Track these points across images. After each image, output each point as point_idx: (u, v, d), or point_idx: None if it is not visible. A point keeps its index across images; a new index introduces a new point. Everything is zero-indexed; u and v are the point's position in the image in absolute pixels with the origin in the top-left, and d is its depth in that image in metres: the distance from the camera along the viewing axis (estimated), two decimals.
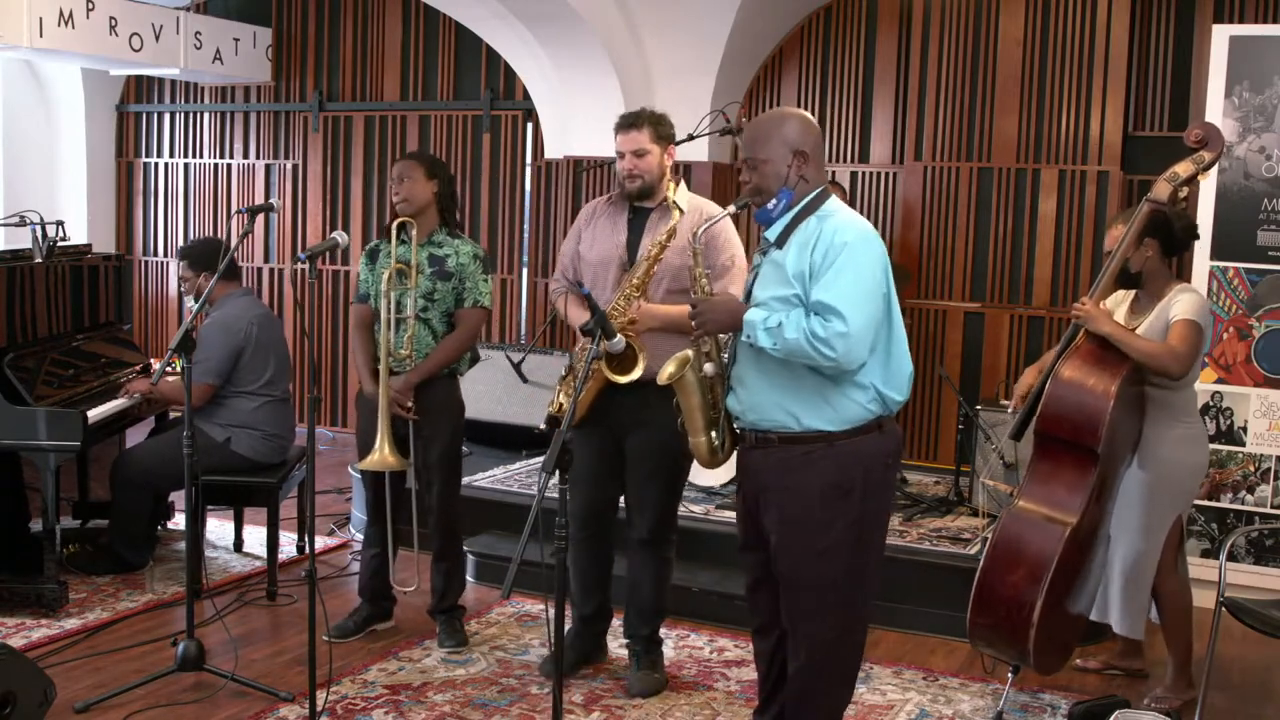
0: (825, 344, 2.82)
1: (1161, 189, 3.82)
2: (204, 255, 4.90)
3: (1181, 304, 3.81)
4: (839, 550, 2.97)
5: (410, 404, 4.21)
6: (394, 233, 4.21)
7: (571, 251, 4.08)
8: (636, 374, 3.65)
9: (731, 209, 3.16)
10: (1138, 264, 3.86)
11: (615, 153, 3.92)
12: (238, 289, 5.00)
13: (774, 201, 3.00)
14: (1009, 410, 4.17)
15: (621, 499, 4.09)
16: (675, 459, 3.92)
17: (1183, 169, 3.82)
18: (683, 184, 3.98)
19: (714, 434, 3.15)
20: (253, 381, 4.86)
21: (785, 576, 3.04)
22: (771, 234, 3.02)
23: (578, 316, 3.95)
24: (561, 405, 3.88)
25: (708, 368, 3.12)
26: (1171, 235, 3.89)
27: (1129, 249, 3.81)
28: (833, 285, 2.86)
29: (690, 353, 3.13)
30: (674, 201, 3.83)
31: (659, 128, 3.89)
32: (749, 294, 3.09)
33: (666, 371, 3.12)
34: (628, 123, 3.90)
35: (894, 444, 3.06)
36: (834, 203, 3.03)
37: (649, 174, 3.87)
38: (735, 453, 3.21)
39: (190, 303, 4.94)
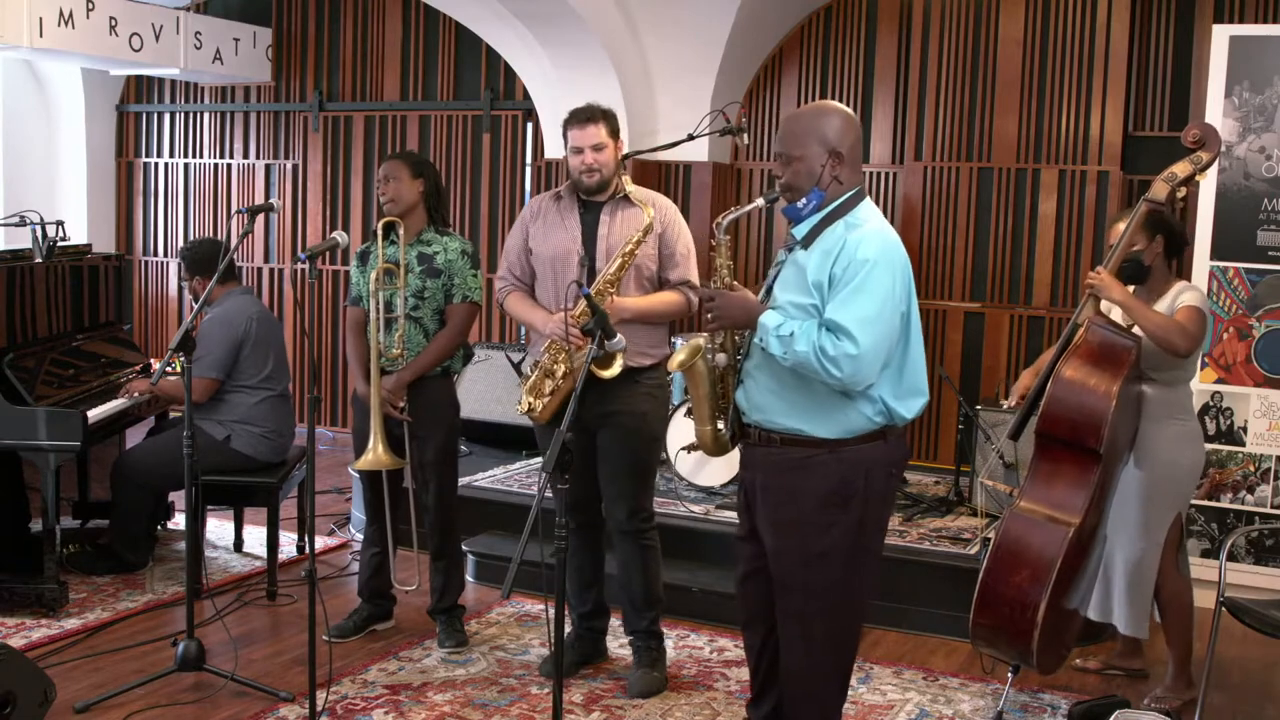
0: (833, 363, 2.80)
1: (1159, 189, 3.83)
2: (199, 260, 4.91)
3: (1187, 295, 3.89)
4: (835, 555, 2.96)
5: (403, 403, 4.21)
6: (381, 234, 4.22)
7: (519, 248, 4.07)
8: (618, 368, 3.67)
9: (760, 201, 3.14)
10: (1150, 258, 3.90)
11: (570, 148, 3.91)
12: (237, 288, 5.01)
13: (804, 200, 2.95)
14: (1007, 405, 4.17)
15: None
16: (643, 448, 3.96)
17: (1180, 169, 3.83)
18: (627, 177, 4.00)
19: (720, 424, 3.14)
20: (253, 376, 4.87)
21: (780, 579, 3.03)
22: (798, 232, 2.98)
23: (539, 317, 3.94)
24: (531, 406, 3.90)
25: (720, 358, 3.10)
26: (1174, 236, 3.94)
27: (1133, 238, 3.83)
28: (848, 304, 2.82)
29: (703, 341, 3.13)
30: (640, 199, 3.88)
31: (611, 122, 3.92)
32: (769, 291, 3.06)
33: (677, 359, 3.12)
34: (584, 117, 3.90)
35: (898, 453, 3.03)
36: (865, 209, 2.96)
37: (606, 168, 3.89)
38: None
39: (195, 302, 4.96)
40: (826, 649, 3.04)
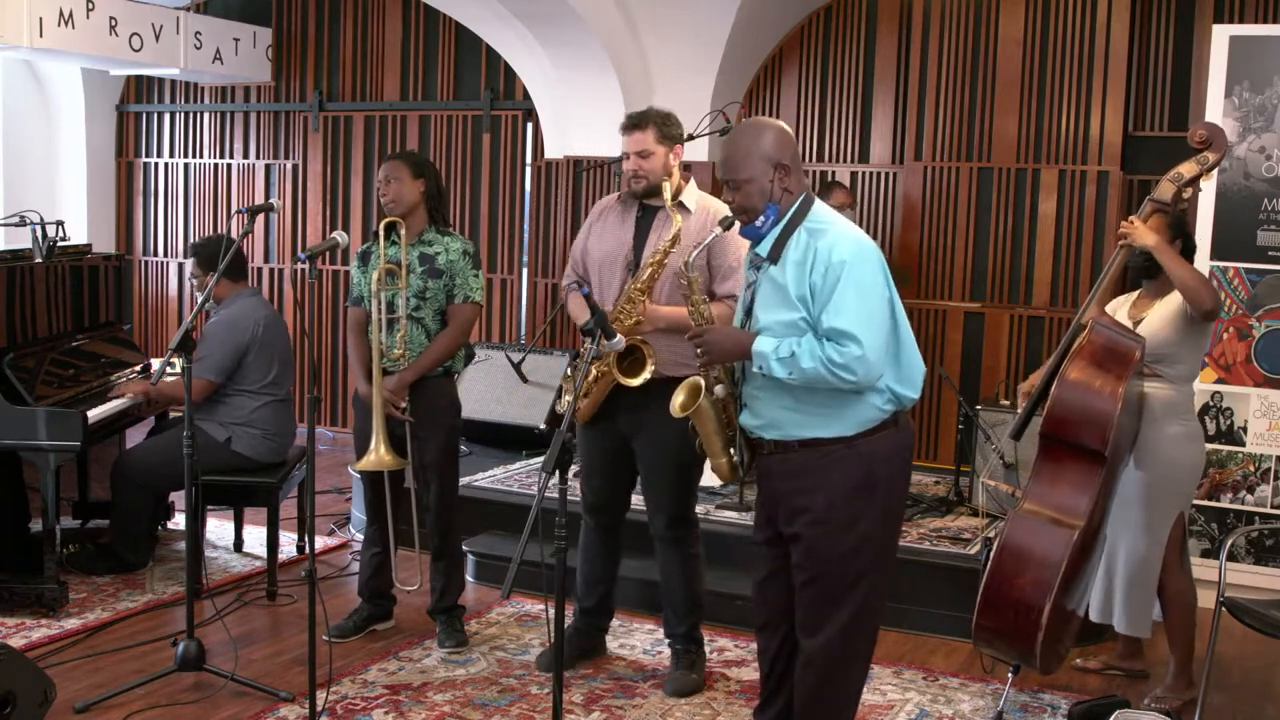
0: (845, 369, 2.85)
1: (1165, 189, 3.81)
2: (213, 256, 4.86)
3: None
4: (865, 545, 3.01)
5: (404, 404, 4.21)
6: (382, 234, 4.21)
7: (581, 247, 4.09)
8: (645, 377, 3.65)
9: (718, 230, 3.18)
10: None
11: (621, 153, 3.91)
12: (245, 289, 4.99)
13: (762, 219, 3.01)
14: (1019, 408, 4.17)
15: (634, 495, 4.15)
16: (681, 456, 3.92)
17: (1187, 169, 3.82)
18: (692, 183, 3.97)
19: (733, 451, 3.16)
20: (256, 381, 4.86)
21: (812, 575, 3.05)
22: (763, 249, 3.03)
23: (581, 314, 3.96)
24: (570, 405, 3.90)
25: (718, 390, 3.12)
26: (1189, 244, 3.97)
27: (1153, 229, 3.84)
28: (841, 309, 2.87)
29: (701, 380, 3.13)
30: (678, 203, 3.84)
31: (664, 128, 3.88)
32: (748, 310, 3.08)
33: (678, 401, 3.13)
34: (632, 124, 3.90)
35: (909, 438, 3.11)
36: (821, 211, 3.04)
37: (653, 174, 3.86)
38: None
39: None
40: (851, 638, 3.07)
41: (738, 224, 3.08)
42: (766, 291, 3.02)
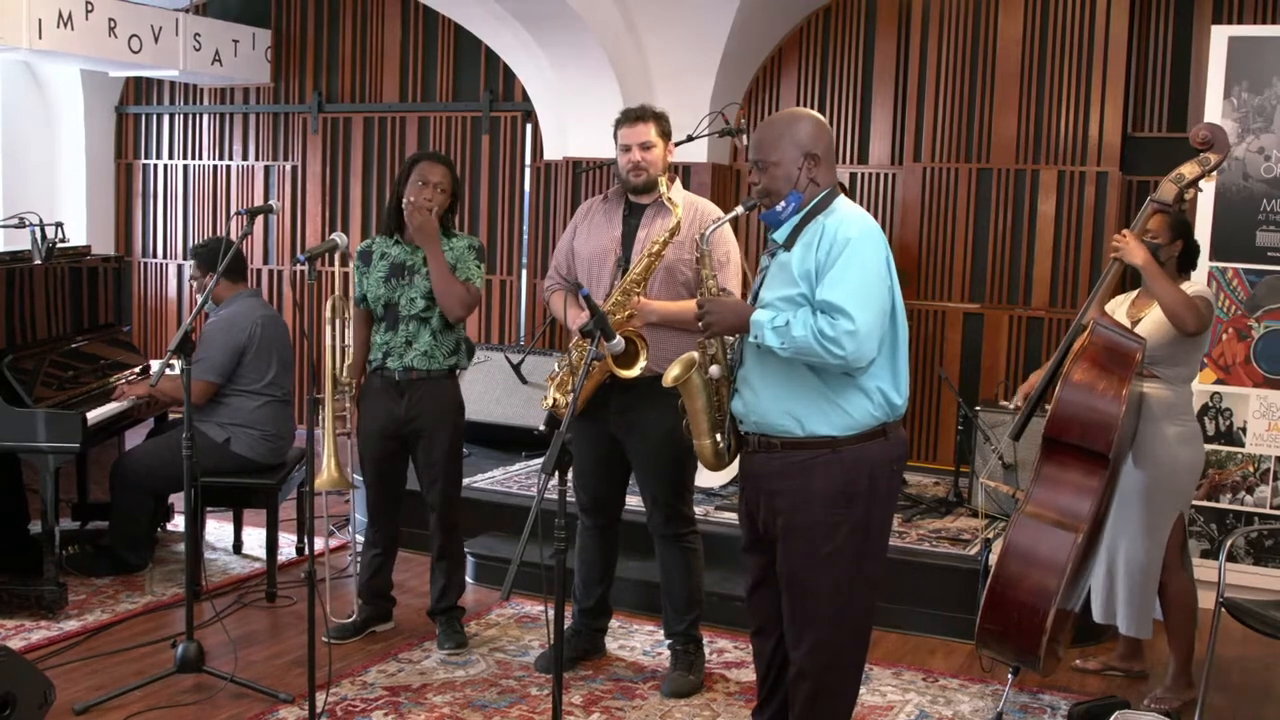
0: (834, 343, 2.80)
1: (1167, 190, 3.81)
2: (214, 256, 4.86)
3: (1192, 288, 3.89)
4: (843, 555, 2.96)
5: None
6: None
7: (566, 248, 4.09)
8: (639, 369, 3.66)
9: (740, 209, 3.17)
10: (1165, 256, 3.92)
11: (619, 146, 3.91)
12: (245, 289, 4.99)
13: (783, 204, 2.98)
14: (1012, 405, 4.17)
15: (627, 493, 4.17)
16: (674, 454, 3.93)
17: (1188, 170, 3.81)
18: (678, 182, 3.98)
19: (719, 437, 3.14)
20: (254, 381, 4.86)
21: (789, 581, 3.03)
22: (779, 236, 3.01)
23: (571, 315, 3.96)
24: (555, 401, 3.90)
25: (713, 370, 3.11)
26: (1190, 246, 3.96)
27: (1156, 229, 3.85)
28: (839, 283, 2.84)
29: (696, 355, 3.12)
30: (669, 198, 3.84)
31: (662, 123, 3.92)
32: (756, 296, 3.07)
33: (672, 374, 3.11)
34: (634, 116, 3.90)
35: (899, 450, 3.04)
36: (842, 202, 3.01)
37: (654, 167, 3.88)
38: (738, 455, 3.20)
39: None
40: (838, 651, 3.05)
41: (760, 207, 3.06)
42: (774, 274, 3.01)
